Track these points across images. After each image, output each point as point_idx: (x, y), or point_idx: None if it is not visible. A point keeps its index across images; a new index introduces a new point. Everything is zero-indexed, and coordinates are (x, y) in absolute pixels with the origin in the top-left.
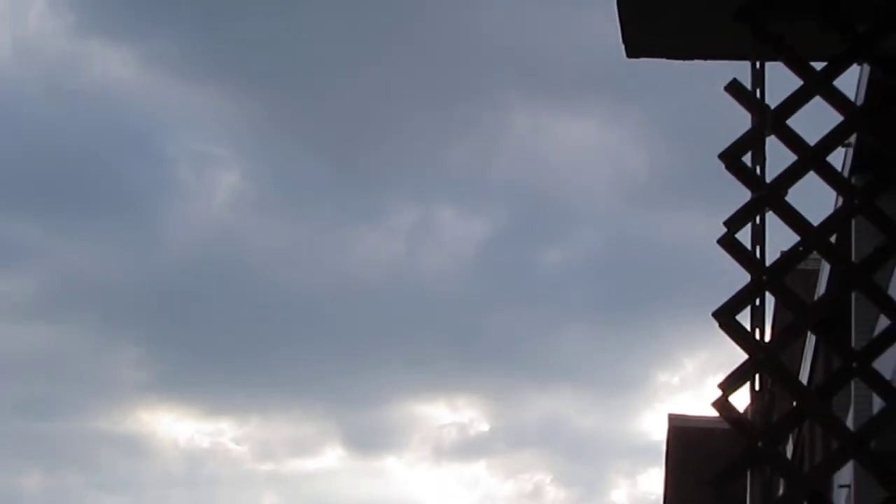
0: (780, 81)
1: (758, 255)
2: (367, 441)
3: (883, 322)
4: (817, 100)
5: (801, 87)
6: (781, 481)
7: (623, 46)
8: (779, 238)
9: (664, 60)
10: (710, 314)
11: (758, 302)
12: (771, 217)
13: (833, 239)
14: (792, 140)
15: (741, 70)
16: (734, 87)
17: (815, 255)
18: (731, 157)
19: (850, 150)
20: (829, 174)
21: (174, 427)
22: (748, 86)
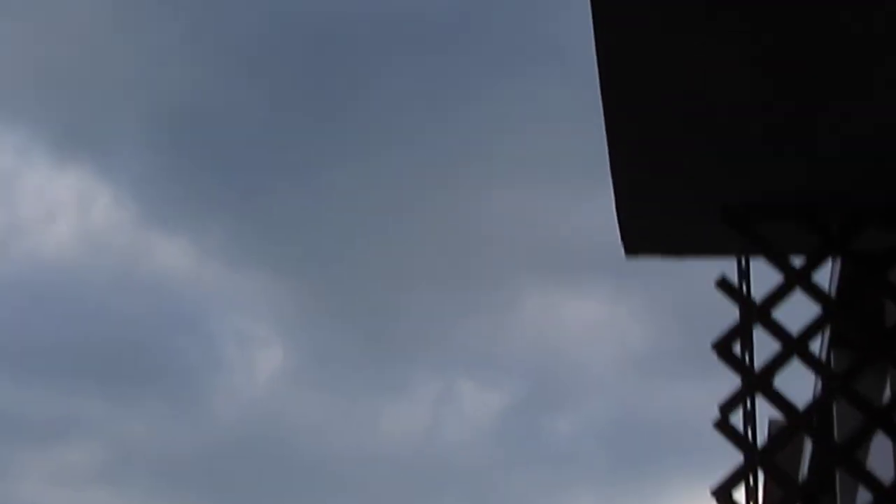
0: (764, 273)
1: (749, 435)
2: None
3: (864, 492)
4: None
5: (782, 283)
6: None
7: (622, 247)
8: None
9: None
10: (707, 477)
11: (751, 479)
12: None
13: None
14: (776, 330)
15: (728, 262)
16: (722, 283)
17: None
18: (721, 347)
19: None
20: (810, 360)
21: None
22: (735, 278)
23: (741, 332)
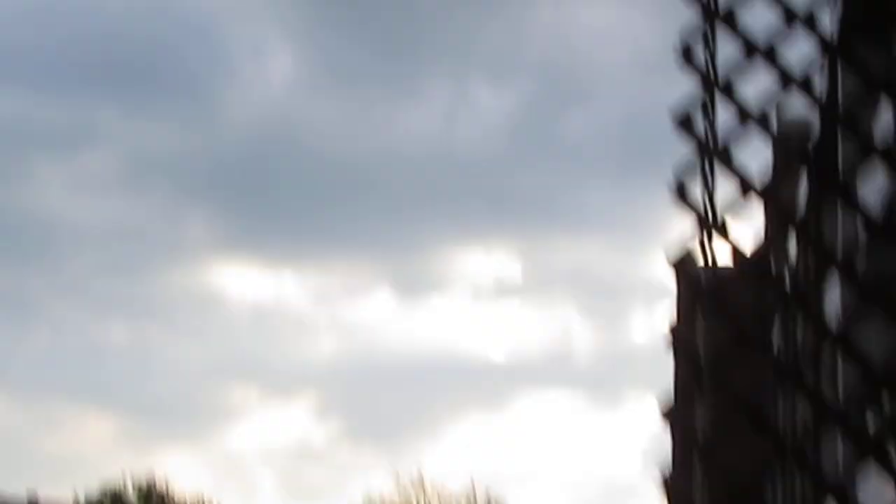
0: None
1: (709, 134)
2: (413, 286)
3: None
4: None
5: None
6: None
7: None
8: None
9: None
10: None
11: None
12: None
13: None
14: (739, 33)
15: None
16: None
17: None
18: (684, 51)
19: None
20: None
21: (240, 280)
22: None
23: (701, 34)
